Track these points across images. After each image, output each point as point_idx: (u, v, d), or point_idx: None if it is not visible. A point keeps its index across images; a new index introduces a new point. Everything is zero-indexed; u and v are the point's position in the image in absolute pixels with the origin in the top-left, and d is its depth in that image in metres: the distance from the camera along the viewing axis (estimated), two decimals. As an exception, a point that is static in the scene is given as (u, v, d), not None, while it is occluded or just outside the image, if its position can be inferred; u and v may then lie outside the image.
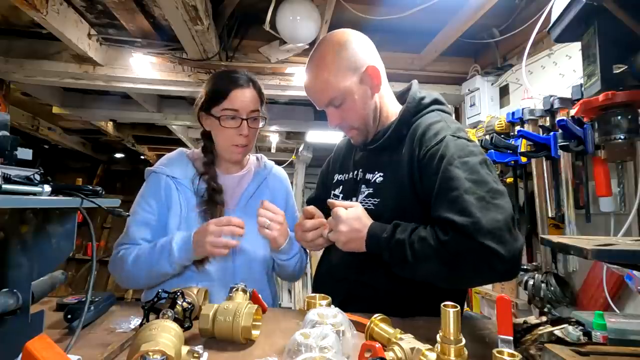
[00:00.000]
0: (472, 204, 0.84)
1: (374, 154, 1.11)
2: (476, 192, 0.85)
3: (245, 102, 1.16)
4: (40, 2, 1.78)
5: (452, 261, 0.85)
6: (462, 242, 0.83)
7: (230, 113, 1.15)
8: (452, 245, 0.84)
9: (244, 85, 1.17)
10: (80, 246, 6.24)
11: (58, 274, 0.81)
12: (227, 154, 1.21)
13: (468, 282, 1.02)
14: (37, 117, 4.25)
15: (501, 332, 0.69)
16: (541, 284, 1.75)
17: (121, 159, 7.11)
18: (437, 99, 1.11)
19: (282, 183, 1.35)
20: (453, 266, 0.85)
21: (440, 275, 0.89)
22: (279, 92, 2.75)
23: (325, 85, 1.02)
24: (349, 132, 1.11)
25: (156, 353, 0.57)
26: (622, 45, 0.83)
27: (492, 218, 0.81)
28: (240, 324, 0.76)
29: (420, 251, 0.88)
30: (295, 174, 6.18)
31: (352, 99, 1.03)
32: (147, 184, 1.21)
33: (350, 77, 1.02)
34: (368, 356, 0.63)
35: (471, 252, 0.82)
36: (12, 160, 0.64)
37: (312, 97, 1.09)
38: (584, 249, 0.58)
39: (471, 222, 0.82)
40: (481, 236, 0.80)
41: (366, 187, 1.09)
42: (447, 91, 2.79)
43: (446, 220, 0.86)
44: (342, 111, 1.05)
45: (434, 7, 1.91)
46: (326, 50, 1.04)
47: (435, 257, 0.86)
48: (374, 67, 1.04)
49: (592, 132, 1.44)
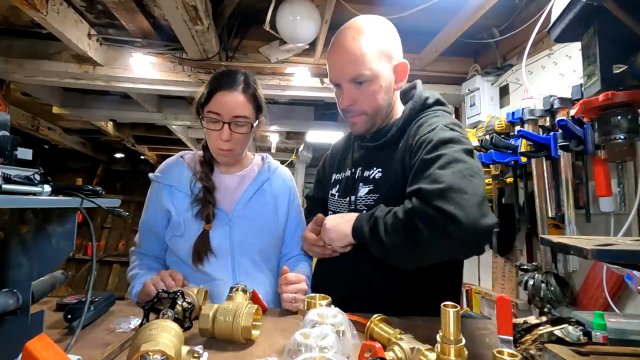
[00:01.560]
0: (444, 175, 0.82)
1: (374, 151, 1.11)
2: (452, 167, 0.84)
3: (228, 106, 1.11)
4: (40, 2, 1.78)
5: (413, 230, 0.82)
6: (421, 207, 0.81)
7: (213, 116, 1.12)
8: (413, 211, 0.83)
9: (231, 89, 1.12)
10: (80, 246, 6.24)
11: (58, 274, 0.81)
12: (215, 155, 1.20)
13: (426, 253, 0.87)
14: (37, 117, 4.25)
15: (501, 332, 0.69)
16: (541, 284, 1.75)
17: (121, 159, 7.11)
18: (439, 100, 1.11)
19: (285, 184, 1.31)
20: (413, 236, 0.82)
21: (406, 250, 0.87)
22: (279, 92, 2.75)
23: (361, 58, 0.97)
24: (357, 117, 1.05)
25: (156, 353, 0.57)
26: (622, 45, 0.83)
27: (459, 185, 0.80)
28: (240, 324, 0.76)
29: (390, 225, 0.87)
30: (295, 174, 6.18)
31: (377, 83, 1.00)
32: (149, 190, 1.25)
33: (385, 63, 1.01)
34: (368, 356, 0.63)
35: (427, 216, 0.80)
36: (12, 160, 0.64)
37: (339, 67, 1.01)
38: (584, 249, 0.58)
39: (436, 188, 0.80)
40: (439, 200, 0.78)
41: (364, 184, 1.09)
42: (447, 91, 2.79)
43: (414, 190, 0.85)
44: (362, 93, 1.01)
45: (434, 7, 1.91)
46: (370, 25, 1.02)
47: (402, 229, 0.85)
48: (405, 64, 1.05)
49: (592, 132, 1.44)
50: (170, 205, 1.16)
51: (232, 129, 1.13)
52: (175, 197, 1.18)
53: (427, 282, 1.01)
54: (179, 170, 1.22)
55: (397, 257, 0.91)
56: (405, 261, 0.92)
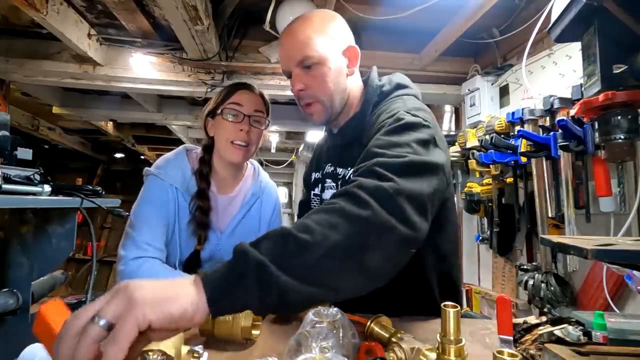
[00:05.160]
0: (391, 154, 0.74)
1: (343, 148, 1.08)
2: (398, 148, 0.76)
3: (250, 101, 1.19)
4: (40, 2, 1.78)
5: (350, 215, 0.63)
6: (364, 181, 0.68)
7: (234, 107, 1.17)
8: (352, 189, 0.67)
9: (250, 89, 1.22)
10: (80, 246, 6.24)
11: (58, 274, 0.81)
12: (227, 153, 1.18)
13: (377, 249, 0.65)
14: (37, 117, 4.25)
15: (501, 332, 0.70)
16: (541, 284, 1.75)
17: (121, 159, 7.12)
18: (399, 83, 1.03)
19: (271, 198, 1.36)
20: (352, 223, 0.62)
21: (349, 248, 0.62)
22: (279, 92, 2.75)
23: (306, 41, 0.96)
24: (313, 106, 1.01)
25: (156, 353, 0.57)
26: (622, 45, 0.83)
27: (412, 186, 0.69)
28: (240, 324, 0.76)
29: (316, 223, 0.62)
30: (295, 174, 6.19)
31: (326, 66, 0.97)
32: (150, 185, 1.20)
33: (332, 46, 0.98)
34: (368, 356, 0.63)
35: (370, 192, 0.65)
36: (12, 160, 0.64)
37: (286, 53, 1.00)
38: (584, 249, 0.58)
39: (385, 162, 0.72)
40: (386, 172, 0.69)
41: (334, 181, 1.07)
42: (447, 91, 2.79)
43: (353, 173, 0.79)
44: (311, 77, 0.98)
45: (434, 7, 1.91)
46: (314, 14, 1.02)
47: (339, 219, 0.62)
48: (355, 48, 1.02)
49: (592, 132, 1.44)
50: (175, 215, 1.16)
51: (251, 123, 1.19)
52: (180, 204, 1.17)
53: (428, 283, 1.01)
54: (182, 169, 1.21)
55: (340, 262, 0.62)
56: (351, 269, 0.63)
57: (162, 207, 1.14)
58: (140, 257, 1.06)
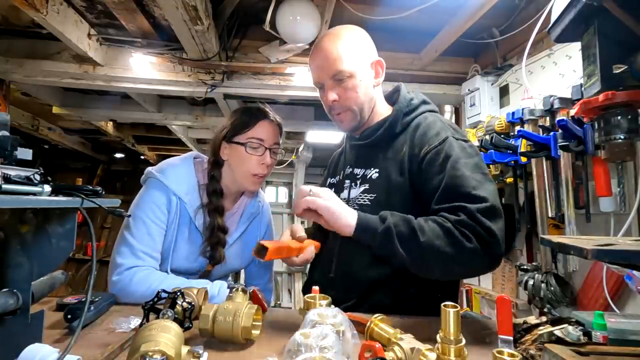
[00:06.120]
0: (483, 193, 0.93)
1: (366, 149, 1.14)
2: (485, 186, 0.95)
3: (271, 134, 1.22)
4: (40, 2, 1.78)
5: (461, 236, 0.88)
6: (471, 223, 0.88)
7: (256, 141, 1.19)
8: (463, 223, 0.89)
9: (271, 119, 1.24)
10: (80, 246, 6.24)
11: (58, 274, 0.81)
12: (246, 182, 1.22)
13: (459, 263, 0.92)
14: (37, 117, 4.25)
15: (501, 332, 0.70)
16: (541, 284, 1.75)
17: (121, 159, 7.11)
18: (424, 100, 1.17)
19: (265, 218, 1.40)
20: (456, 242, 0.88)
21: (444, 254, 0.89)
22: (279, 92, 2.75)
23: (340, 56, 1.05)
24: (344, 115, 1.12)
25: (156, 353, 0.57)
26: (622, 45, 0.83)
27: (498, 206, 0.93)
28: (240, 324, 0.76)
29: (431, 229, 0.90)
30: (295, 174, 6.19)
31: (357, 80, 1.07)
32: (150, 190, 1.18)
33: (362, 60, 1.09)
34: (368, 356, 0.63)
35: (477, 232, 0.88)
36: (12, 160, 0.64)
37: (320, 65, 1.09)
38: (584, 249, 0.58)
39: (484, 207, 0.90)
40: (487, 219, 0.89)
41: (360, 183, 1.10)
42: (447, 91, 2.79)
43: (458, 207, 0.90)
44: (343, 89, 1.08)
45: (434, 7, 1.91)
46: (345, 30, 1.11)
47: (446, 235, 0.89)
48: (381, 61, 1.13)
49: (592, 132, 1.44)
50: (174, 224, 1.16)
51: (270, 155, 1.22)
52: (182, 214, 1.16)
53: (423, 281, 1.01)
54: (188, 178, 1.21)
55: (432, 260, 0.91)
56: (437, 266, 0.93)
57: (163, 214, 1.13)
58: (136, 266, 1.09)
